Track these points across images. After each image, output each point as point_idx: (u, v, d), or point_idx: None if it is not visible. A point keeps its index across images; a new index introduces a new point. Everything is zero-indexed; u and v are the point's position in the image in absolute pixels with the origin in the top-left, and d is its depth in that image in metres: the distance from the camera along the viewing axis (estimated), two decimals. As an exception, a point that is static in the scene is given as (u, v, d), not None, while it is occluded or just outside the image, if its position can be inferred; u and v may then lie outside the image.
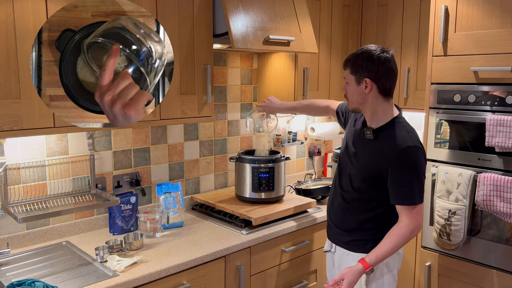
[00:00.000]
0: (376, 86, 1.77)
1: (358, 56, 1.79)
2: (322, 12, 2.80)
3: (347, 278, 1.73)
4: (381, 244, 1.77)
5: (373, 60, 1.74)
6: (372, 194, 1.85)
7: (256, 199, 2.49)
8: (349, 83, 1.84)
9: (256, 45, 2.18)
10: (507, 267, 2.24)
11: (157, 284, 1.83)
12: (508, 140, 2.12)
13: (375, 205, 1.86)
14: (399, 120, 1.83)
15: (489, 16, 2.21)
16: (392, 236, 1.76)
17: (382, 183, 1.80)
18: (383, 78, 1.76)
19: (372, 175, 1.81)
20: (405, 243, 1.78)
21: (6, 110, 1.62)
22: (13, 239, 1.99)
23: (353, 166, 1.90)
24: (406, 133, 1.78)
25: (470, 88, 2.31)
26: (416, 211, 1.75)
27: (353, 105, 1.87)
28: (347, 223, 1.93)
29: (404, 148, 1.73)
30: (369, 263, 1.75)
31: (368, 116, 1.86)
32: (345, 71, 1.86)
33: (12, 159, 1.97)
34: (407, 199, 1.74)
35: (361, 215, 1.89)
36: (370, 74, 1.75)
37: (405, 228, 1.75)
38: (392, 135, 1.78)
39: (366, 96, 1.80)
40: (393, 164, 1.74)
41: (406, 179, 1.73)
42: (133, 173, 2.38)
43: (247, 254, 2.17)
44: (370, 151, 1.84)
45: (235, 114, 2.85)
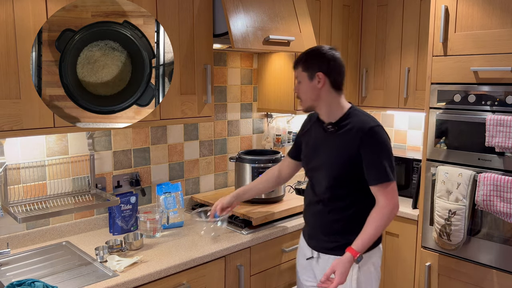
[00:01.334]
0: (329, 80, 1.83)
1: (308, 53, 1.86)
2: (322, 12, 2.80)
3: (338, 269, 1.73)
4: (365, 229, 1.79)
5: (323, 55, 1.82)
6: (347, 187, 1.86)
7: (256, 199, 2.48)
8: (301, 81, 1.88)
9: (256, 45, 2.18)
10: (507, 267, 2.24)
11: (157, 284, 1.83)
12: (508, 140, 2.12)
13: (354, 199, 1.86)
14: (355, 109, 1.89)
15: (489, 16, 2.21)
16: (373, 218, 1.79)
17: (354, 171, 1.82)
18: (334, 73, 1.83)
19: (344, 166, 1.83)
20: (387, 224, 1.80)
21: (6, 110, 1.62)
22: (13, 239, 1.99)
23: (323, 164, 1.89)
24: (365, 117, 1.85)
25: (470, 88, 2.31)
26: (392, 189, 1.79)
27: (307, 103, 1.90)
28: (331, 227, 1.90)
29: (369, 129, 1.79)
30: (356, 250, 1.75)
31: (324, 112, 1.89)
32: (295, 70, 1.90)
33: (12, 159, 1.97)
34: (383, 177, 1.78)
35: (343, 214, 1.87)
36: (322, 69, 1.81)
37: (384, 208, 1.78)
38: (354, 121, 1.84)
39: (319, 92, 1.84)
40: (362, 146, 1.78)
41: (378, 158, 1.78)
42: (133, 173, 2.38)
43: (247, 254, 2.17)
44: (337, 142, 1.86)
45: (235, 114, 2.85)
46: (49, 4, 1.67)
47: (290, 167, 2.17)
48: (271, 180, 2.20)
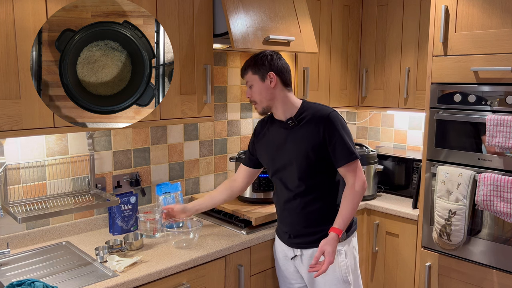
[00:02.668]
0: (280, 79, 1.94)
1: (255, 57, 1.96)
2: (322, 12, 2.80)
3: (327, 249, 1.83)
4: (342, 209, 1.91)
5: (270, 56, 1.94)
6: (318, 175, 1.95)
7: (256, 199, 2.49)
8: (253, 84, 1.96)
9: (256, 45, 2.18)
10: (507, 267, 2.24)
11: (157, 284, 1.82)
12: (508, 140, 2.12)
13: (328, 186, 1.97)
14: (307, 102, 2.01)
15: (489, 16, 2.21)
16: (346, 197, 1.91)
17: (321, 156, 1.91)
18: (283, 71, 1.95)
19: (311, 154, 1.91)
20: (360, 199, 1.93)
21: (6, 110, 1.62)
22: (13, 239, 1.99)
23: (292, 161, 1.95)
24: (320, 106, 1.97)
25: (470, 88, 2.31)
26: (358, 167, 1.93)
27: (262, 104, 1.97)
28: (314, 218, 1.97)
29: (328, 115, 1.90)
30: (339, 227, 1.87)
31: (280, 110, 1.98)
32: (245, 77, 1.99)
33: (12, 159, 1.97)
34: (348, 156, 1.89)
35: (321, 202, 1.96)
36: (273, 68, 1.93)
37: (356, 186, 1.91)
38: (311, 112, 1.94)
39: (273, 91, 1.94)
40: (326, 132, 1.89)
41: (342, 140, 1.89)
42: (133, 173, 2.38)
43: (247, 254, 2.17)
44: (300, 134, 1.94)
45: (235, 114, 2.85)
46: (49, 4, 1.67)
47: (246, 175, 2.20)
48: (225, 192, 2.20)
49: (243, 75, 2.00)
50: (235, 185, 2.20)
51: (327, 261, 1.80)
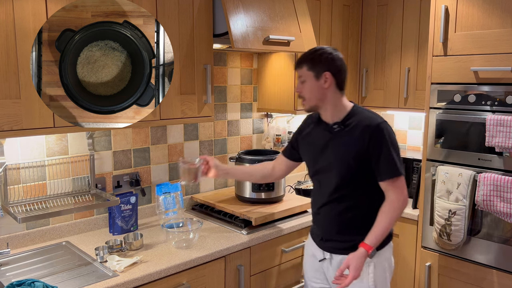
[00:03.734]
0: (335, 80, 1.84)
1: (314, 52, 1.85)
2: (322, 12, 2.80)
3: (353, 264, 1.74)
4: (376, 224, 1.81)
5: (331, 55, 1.83)
6: (357, 185, 1.86)
7: (256, 199, 2.49)
8: (306, 80, 1.85)
9: (256, 45, 2.18)
10: (507, 267, 2.24)
11: (157, 284, 1.83)
12: (508, 140, 2.12)
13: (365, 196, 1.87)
14: (357, 107, 1.91)
15: (489, 16, 2.21)
16: (384, 213, 1.81)
17: (363, 167, 1.83)
18: (341, 73, 1.85)
19: (353, 163, 1.82)
20: (398, 217, 1.83)
21: (6, 110, 1.62)
22: (13, 239, 1.99)
23: (332, 166, 1.88)
24: (370, 114, 1.86)
25: (470, 88, 2.31)
26: (401, 183, 1.82)
27: (311, 102, 1.87)
28: (347, 226, 1.90)
29: (376, 125, 1.80)
30: (369, 244, 1.77)
31: (330, 112, 1.88)
32: (299, 70, 1.88)
33: (12, 159, 1.97)
34: (391, 172, 1.80)
35: (356, 212, 1.87)
36: (330, 68, 1.82)
37: (394, 203, 1.81)
38: (359, 118, 1.84)
39: (325, 92, 1.84)
40: (371, 143, 1.79)
41: (388, 153, 1.80)
42: (133, 173, 2.38)
43: (247, 254, 2.17)
44: (344, 140, 1.85)
45: (235, 114, 2.85)
46: (49, 4, 1.67)
47: (284, 165, 2.16)
48: (264, 172, 2.17)
49: (297, 68, 1.88)
50: (273, 172, 2.17)
51: (351, 276, 1.72)
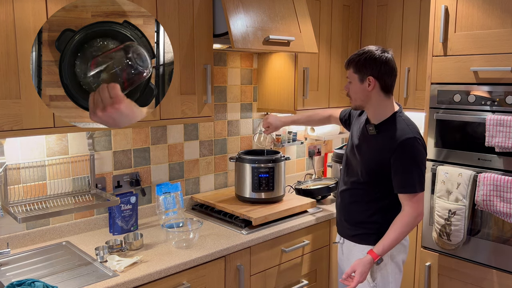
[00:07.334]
0: (379, 84, 1.87)
1: (361, 55, 1.88)
2: (322, 12, 2.80)
3: (358, 269, 1.84)
4: (387, 234, 1.87)
5: (375, 59, 1.85)
6: (376, 186, 1.95)
7: (256, 199, 2.49)
8: (352, 82, 1.92)
9: (256, 45, 2.18)
10: (507, 267, 2.24)
11: (157, 284, 1.83)
12: (508, 140, 2.12)
13: (380, 196, 1.95)
14: (400, 115, 1.93)
15: (489, 16, 2.21)
16: (396, 225, 1.87)
17: (385, 174, 1.90)
18: (385, 76, 1.87)
19: (376, 168, 1.91)
20: (409, 231, 1.88)
21: (6, 110, 1.62)
22: (13, 239, 1.99)
23: (358, 161, 1.99)
24: (405, 126, 1.88)
25: (470, 88, 2.31)
26: (417, 199, 1.85)
27: (356, 102, 1.95)
28: (354, 216, 2.02)
29: (404, 140, 1.83)
30: (377, 253, 1.86)
31: (371, 113, 1.96)
32: (347, 70, 1.94)
33: (12, 159, 1.97)
34: (408, 187, 1.84)
35: (368, 207, 1.97)
36: (374, 73, 1.85)
37: (407, 216, 1.85)
38: (393, 128, 1.88)
39: (369, 94, 1.89)
40: (394, 155, 1.84)
41: (406, 168, 1.84)
42: (133, 173, 2.38)
43: (247, 254, 2.17)
44: (373, 145, 1.93)
45: (235, 114, 2.85)
46: (49, 4, 1.67)
47: (337, 121, 2.40)
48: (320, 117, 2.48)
49: (346, 68, 1.94)
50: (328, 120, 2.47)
51: (356, 280, 1.82)
